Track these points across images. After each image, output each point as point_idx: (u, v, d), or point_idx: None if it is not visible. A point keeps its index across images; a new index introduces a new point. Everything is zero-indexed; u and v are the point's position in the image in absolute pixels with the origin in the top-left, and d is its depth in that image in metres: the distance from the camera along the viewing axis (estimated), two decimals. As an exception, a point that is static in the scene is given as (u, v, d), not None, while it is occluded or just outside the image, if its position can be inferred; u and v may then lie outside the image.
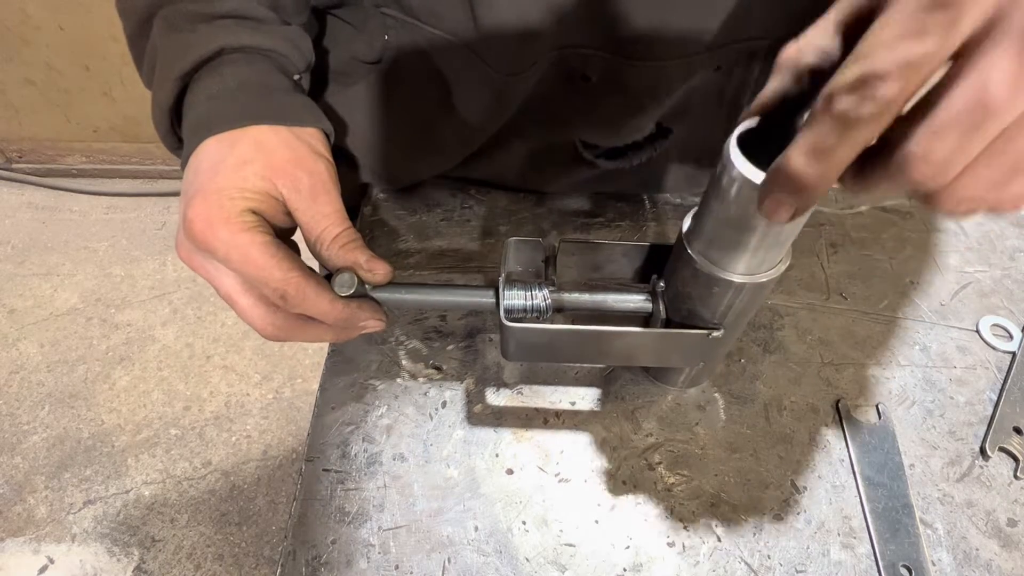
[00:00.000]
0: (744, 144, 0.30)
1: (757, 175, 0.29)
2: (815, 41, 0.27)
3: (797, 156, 0.24)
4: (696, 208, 0.36)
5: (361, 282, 0.39)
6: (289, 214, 0.39)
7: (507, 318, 0.40)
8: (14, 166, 2.03)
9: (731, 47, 0.47)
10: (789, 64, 0.27)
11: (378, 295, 0.41)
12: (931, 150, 0.21)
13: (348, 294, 0.38)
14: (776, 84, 0.28)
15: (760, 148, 0.29)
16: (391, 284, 0.41)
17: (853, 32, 0.25)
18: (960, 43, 0.20)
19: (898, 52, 0.20)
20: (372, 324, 0.41)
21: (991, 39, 0.20)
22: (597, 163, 0.58)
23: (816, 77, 0.27)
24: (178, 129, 0.43)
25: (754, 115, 0.30)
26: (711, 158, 0.61)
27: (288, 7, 0.46)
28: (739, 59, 0.49)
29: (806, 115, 0.25)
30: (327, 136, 0.44)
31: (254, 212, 0.36)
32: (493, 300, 0.41)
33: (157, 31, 0.42)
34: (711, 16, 0.44)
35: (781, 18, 0.46)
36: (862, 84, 0.21)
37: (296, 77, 0.45)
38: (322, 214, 0.38)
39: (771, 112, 0.29)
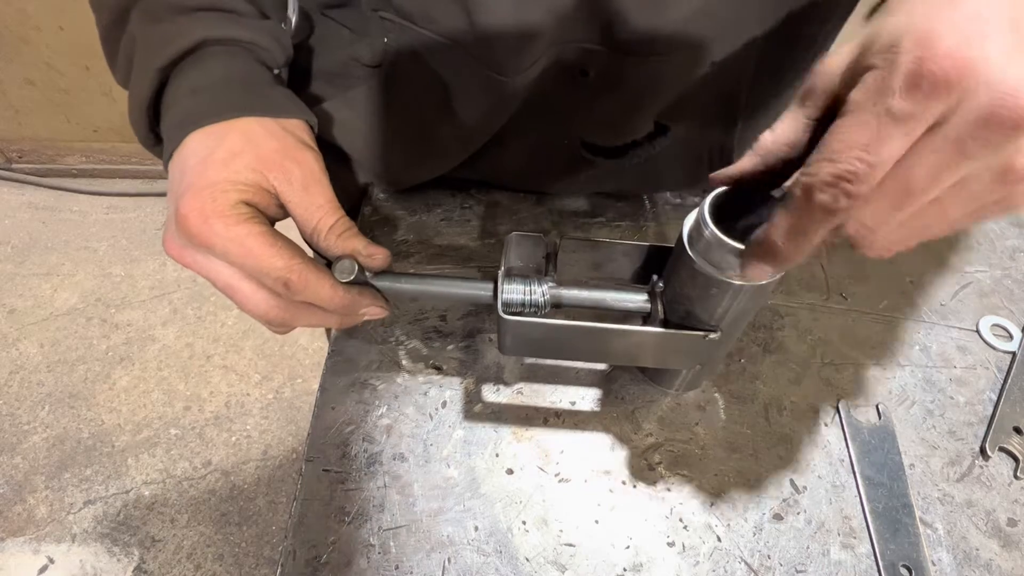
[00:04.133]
0: (715, 204, 0.35)
1: (731, 241, 0.34)
2: (787, 136, 0.31)
3: (777, 235, 0.29)
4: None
5: (361, 269, 0.39)
6: (281, 206, 0.39)
7: (505, 311, 0.40)
8: (14, 166, 2.03)
9: (727, 44, 0.47)
10: (763, 152, 0.32)
11: (378, 283, 0.41)
12: (867, 222, 0.27)
13: (349, 280, 0.38)
14: (749, 165, 0.33)
15: (728, 205, 0.35)
16: (391, 273, 0.41)
17: (819, 126, 0.30)
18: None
19: (868, 156, 0.25)
20: (373, 311, 0.41)
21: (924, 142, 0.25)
22: (596, 161, 0.58)
23: (786, 163, 0.32)
24: (156, 126, 0.42)
25: (726, 183, 0.34)
26: (710, 155, 0.61)
27: (266, 2, 0.45)
28: (736, 56, 0.49)
29: (777, 193, 0.33)
30: (311, 127, 0.44)
31: (247, 204, 0.36)
32: (491, 293, 0.41)
33: (136, 22, 0.41)
34: (707, 13, 0.44)
35: (777, 16, 0.46)
36: (838, 181, 0.25)
37: (276, 71, 0.45)
38: (316, 205, 0.38)
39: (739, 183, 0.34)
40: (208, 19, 0.41)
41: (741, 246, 0.33)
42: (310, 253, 0.42)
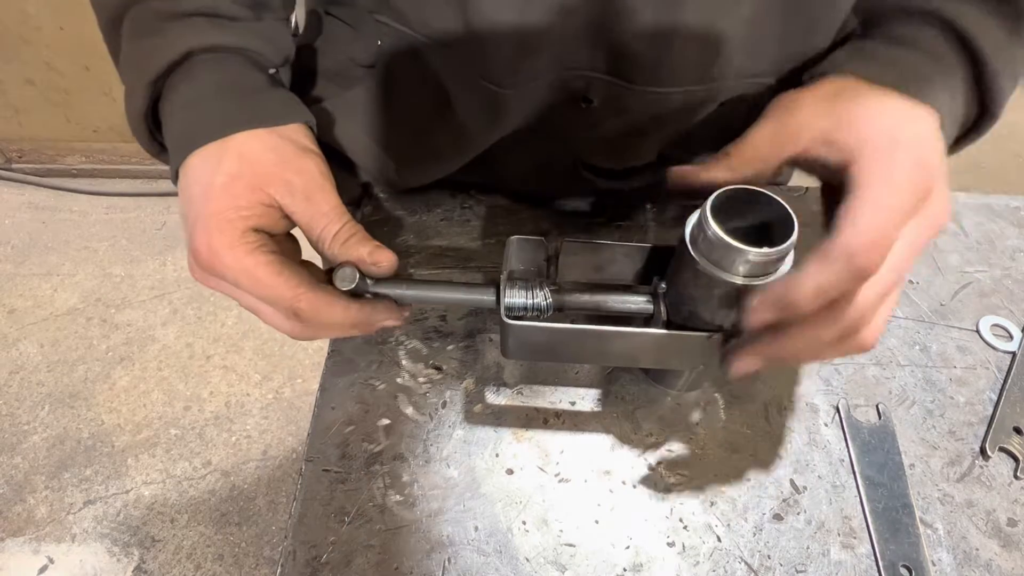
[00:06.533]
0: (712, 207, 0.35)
1: (733, 242, 0.34)
2: (755, 165, 0.38)
3: (805, 290, 0.32)
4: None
5: (363, 277, 0.39)
6: (288, 218, 0.39)
7: (508, 316, 0.40)
8: (14, 166, 2.03)
9: (734, 82, 0.47)
10: (732, 166, 0.38)
11: (379, 290, 0.41)
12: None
13: (349, 288, 0.38)
14: (719, 177, 0.38)
15: (729, 205, 0.36)
16: (393, 279, 0.41)
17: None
18: None
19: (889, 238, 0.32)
20: (390, 322, 0.42)
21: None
22: (597, 182, 0.58)
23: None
24: (157, 135, 0.42)
25: (687, 185, 0.39)
26: None
27: (271, 3, 0.45)
28: (743, 95, 0.48)
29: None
30: (311, 128, 0.43)
31: (255, 230, 0.36)
32: (494, 298, 0.41)
33: (125, 34, 0.41)
34: (714, 49, 0.43)
35: (783, 59, 0.46)
36: (877, 246, 0.31)
37: (271, 71, 0.44)
38: (320, 213, 0.38)
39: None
40: (196, 25, 0.40)
41: (744, 246, 0.33)
42: (320, 263, 0.42)
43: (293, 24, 0.47)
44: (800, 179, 0.58)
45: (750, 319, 0.34)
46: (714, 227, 0.34)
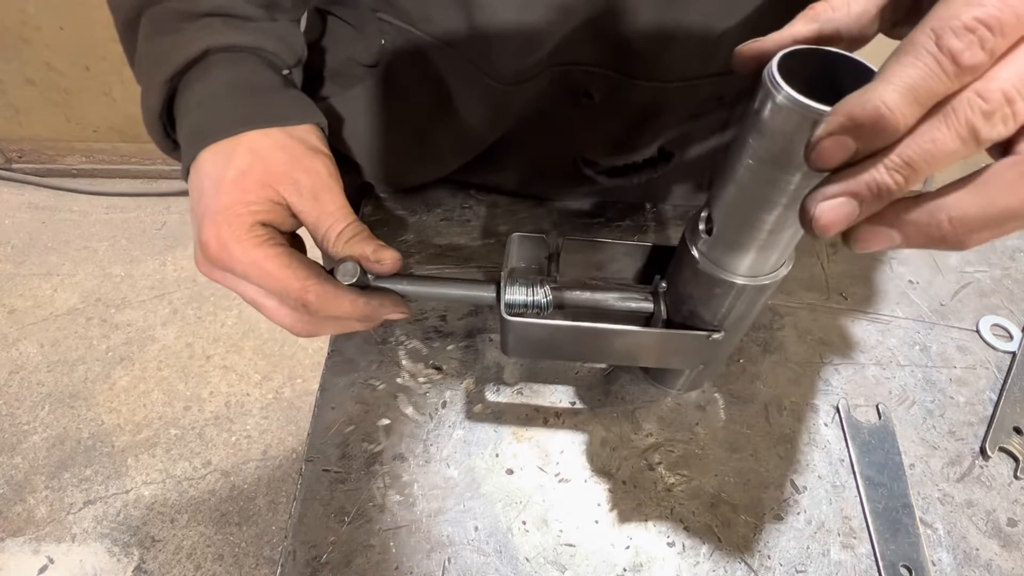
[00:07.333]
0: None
1: (810, 102, 0.24)
2: (855, 5, 0.27)
3: (888, 91, 0.21)
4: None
5: (364, 272, 0.39)
6: (295, 217, 0.39)
7: (508, 313, 0.40)
8: (14, 166, 2.03)
9: (734, 75, 0.47)
10: (822, 20, 0.28)
11: (380, 285, 0.41)
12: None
13: (351, 282, 0.38)
14: (800, 33, 0.28)
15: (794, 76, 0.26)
16: (394, 275, 0.41)
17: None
18: None
19: (1018, 7, 0.20)
20: (396, 315, 0.42)
21: None
22: (598, 180, 0.58)
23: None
24: (171, 132, 0.43)
25: (759, 57, 0.28)
26: (711, 180, 0.61)
27: (284, 3, 0.45)
28: (743, 90, 0.48)
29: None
30: (322, 129, 0.44)
31: (263, 224, 0.37)
32: (495, 294, 0.41)
33: (142, 34, 0.41)
34: (715, 44, 0.43)
35: None
36: (976, 29, 0.20)
37: (285, 72, 0.45)
38: (326, 212, 0.39)
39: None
40: (212, 25, 0.40)
41: (821, 106, 0.24)
42: (321, 260, 0.42)
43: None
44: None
45: (820, 154, 0.22)
46: (785, 88, 0.25)
